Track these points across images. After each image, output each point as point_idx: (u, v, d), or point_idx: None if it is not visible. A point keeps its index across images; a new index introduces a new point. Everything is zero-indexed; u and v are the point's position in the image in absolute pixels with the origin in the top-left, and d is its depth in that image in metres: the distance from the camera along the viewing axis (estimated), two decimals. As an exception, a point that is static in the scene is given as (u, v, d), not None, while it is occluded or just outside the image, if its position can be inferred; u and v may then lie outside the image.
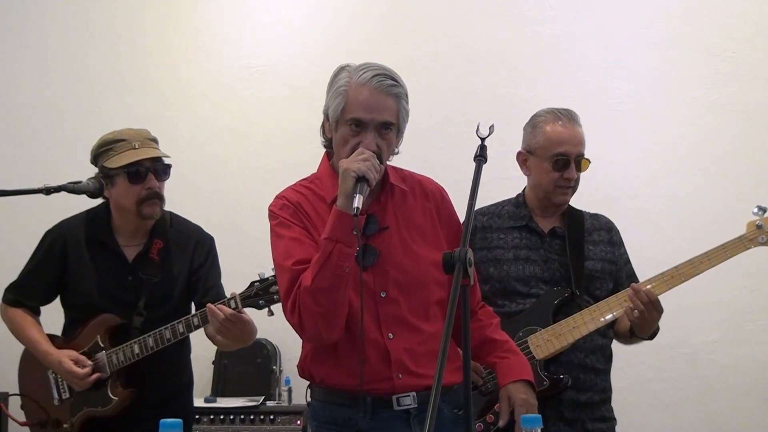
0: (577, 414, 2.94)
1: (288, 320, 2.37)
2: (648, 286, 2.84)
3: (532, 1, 4.75)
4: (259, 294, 2.95)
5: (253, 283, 2.98)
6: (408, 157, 2.56)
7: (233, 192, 4.83)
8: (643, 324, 2.86)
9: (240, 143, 4.90)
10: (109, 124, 3.21)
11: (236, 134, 4.91)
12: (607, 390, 3.06)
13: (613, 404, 3.05)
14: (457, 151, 4.25)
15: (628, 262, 3.13)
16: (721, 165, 4.41)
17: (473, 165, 2.22)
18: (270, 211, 2.50)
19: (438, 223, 2.57)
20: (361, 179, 2.27)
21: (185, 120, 4.88)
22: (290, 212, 2.45)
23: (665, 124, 4.48)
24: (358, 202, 2.24)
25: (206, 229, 3.29)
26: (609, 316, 2.89)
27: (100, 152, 3.10)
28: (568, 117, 3.03)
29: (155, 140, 3.17)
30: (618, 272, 3.05)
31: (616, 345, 3.09)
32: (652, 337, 2.99)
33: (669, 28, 4.61)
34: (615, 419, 3.07)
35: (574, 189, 3.05)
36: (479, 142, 2.26)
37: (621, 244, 3.15)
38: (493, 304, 2.97)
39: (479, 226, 3.14)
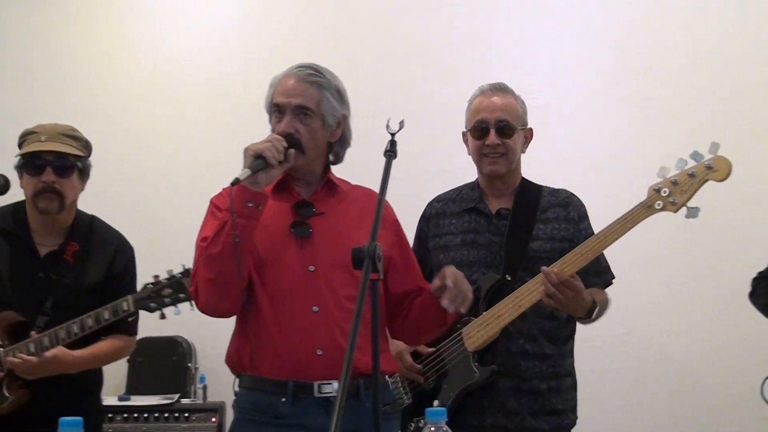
0: (520, 404, 2.96)
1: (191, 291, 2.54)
2: (557, 267, 2.83)
3: (449, -3, 4.82)
4: (151, 297, 2.98)
5: (146, 285, 3.01)
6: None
7: (153, 186, 4.83)
8: (561, 306, 2.86)
9: (160, 138, 4.89)
10: (26, 122, 3.21)
11: (155, 129, 4.90)
12: (560, 376, 3.04)
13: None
14: (374, 148, 4.30)
15: (590, 237, 3.01)
16: (633, 159, 4.57)
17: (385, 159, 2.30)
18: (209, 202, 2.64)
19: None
20: (258, 157, 2.42)
21: (103, 115, 4.86)
22: (223, 200, 2.54)
23: (579, 119, 4.63)
24: (241, 174, 2.40)
25: (126, 223, 3.31)
26: (528, 301, 2.89)
27: (19, 144, 3.12)
28: (491, 88, 3.10)
29: (74, 137, 3.16)
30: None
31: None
32: (591, 315, 2.95)
33: (582, 24, 4.77)
34: (571, 411, 3.06)
35: (507, 157, 3.05)
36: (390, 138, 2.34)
37: (581, 219, 3.10)
38: None
39: (433, 213, 3.20)
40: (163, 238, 4.35)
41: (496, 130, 3.02)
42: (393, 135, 2.35)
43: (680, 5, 4.72)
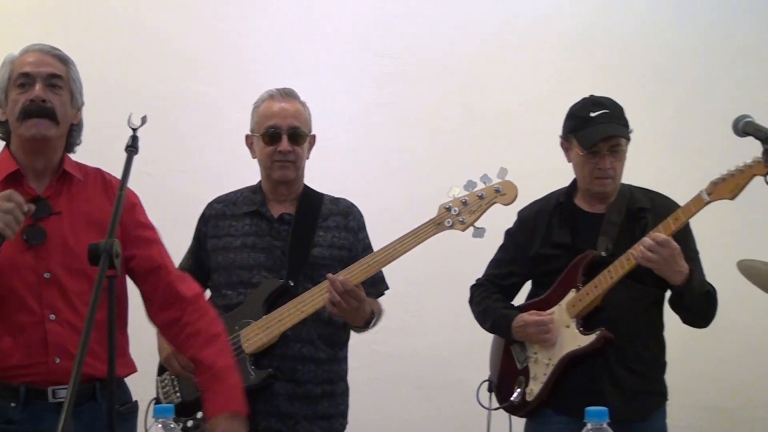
0: (295, 408, 3.03)
1: None
2: (343, 276, 2.93)
3: (206, -5, 4.82)
4: None
5: None
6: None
7: None
8: (344, 315, 2.97)
9: None
10: None
11: None
12: (334, 381, 3.14)
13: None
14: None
15: (368, 248, 3.20)
16: (389, 162, 4.77)
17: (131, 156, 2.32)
18: None
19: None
20: None
21: None
22: None
23: (337, 122, 4.71)
24: None
25: None
26: (311, 308, 2.96)
27: None
28: (281, 93, 3.16)
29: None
30: (353, 259, 3.07)
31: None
32: (368, 325, 3.10)
33: (339, 27, 4.89)
34: (342, 416, 3.17)
35: (296, 164, 3.13)
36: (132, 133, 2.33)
37: (360, 230, 3.23)
38: (219, 295, 3.10)
39: (213, 214, 3.22)
40: None
41: (288, 137, 3.08)
42: (135, 130, 2.33)
43: (439, 13, 4.94)
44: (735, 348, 4.69)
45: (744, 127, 2.67)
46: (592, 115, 3.17)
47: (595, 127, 3.15)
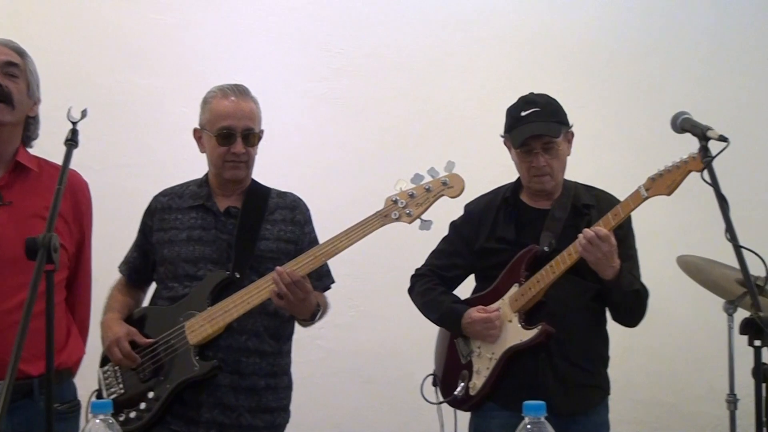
0: (239, 400, 3.03)
1: None
2: (290, 268, 2.92)
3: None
4: None
5: None
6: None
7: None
8: (290, 306, 2.96)
9: None
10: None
11: None
12: (278, 374, 3.14)
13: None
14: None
15: (314, 241, 3.19)
16: (337, 156, 4.79)
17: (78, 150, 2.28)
18: None
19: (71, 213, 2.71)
20: None
21: None
22: None
23: (285, 116, 4.72)
24: None
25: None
26: (257, 299, 2.96)
27: None
28: (235, 91, 3.12)
29: None
30: (299, 252, 3.06)
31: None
32: (314, 318, 3.09)
33: (286, 22, 4.89)
34: (284, 410, 3.17)
35: (247, 164, 3.12)
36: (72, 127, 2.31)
37: (306, 223, 3.24)
38: (165, 287, 3.09)
39: (159, 207, 3.20)
40: None
41: (242, 138, 3.07)
42: (74, 124, 2.30)
43: (386, 8, 4.97)
44: (676, 342, 4.77)
45: (682, 124, 2.71)
46: (523, 114, 3.21)
47: (524, 126, 3.19)
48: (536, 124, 3.18)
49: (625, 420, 4.22)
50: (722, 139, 2.58)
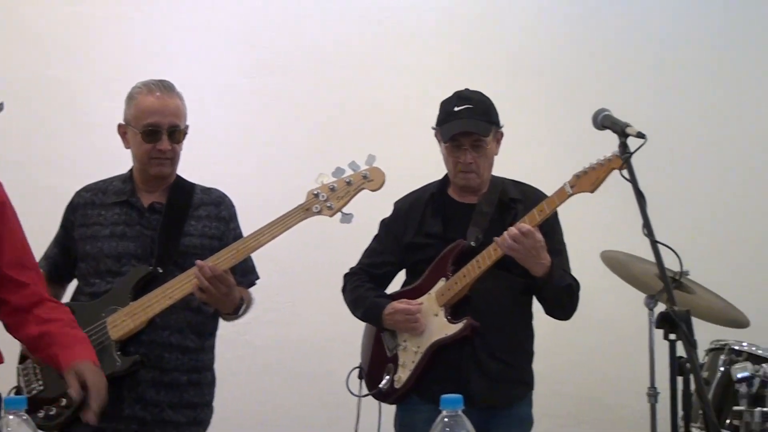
0: (160, 396, 3.02)
1: None
2: (212, 262, 2.92)
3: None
4: None
5: None
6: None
7: None
8: (213, 300, 2.96)
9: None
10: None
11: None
12: (200, 370, 3.14)
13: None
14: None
15: (238, 237, 3.15)
16: (263, 152, 4.78)
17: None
18: None
19: None
20: None
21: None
22: None
23: (212, 112, 4.67)
24: None
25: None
26: (179, 293, 2.94)
27: None
28: (161, 88, 3.10)
29: None
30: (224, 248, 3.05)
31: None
32: (237, 312, 3.11)
33: (214, 17, 4.87)
34: (207, 406, 3.17)
35: (173, 161, 3.11)
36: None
37: (231, 219, 3.23)
38: (87, 283, 3.07)
39: (81, 203, 3.17)
40: None
41: (168, 135, 3.06)
42: (-10, 116, 2.27)
43: (316, 5, 4.98)
44: (600, 337, 4.86)
45: (602, 121, 2.77)
46: (456, 109, 3.24)
47: (455, 122, 3.22)
48: (467, 121, 3.22)
49: (549, 414, 4.26)
50: (640, 135, 2.63)
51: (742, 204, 5.07)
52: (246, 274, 3.21)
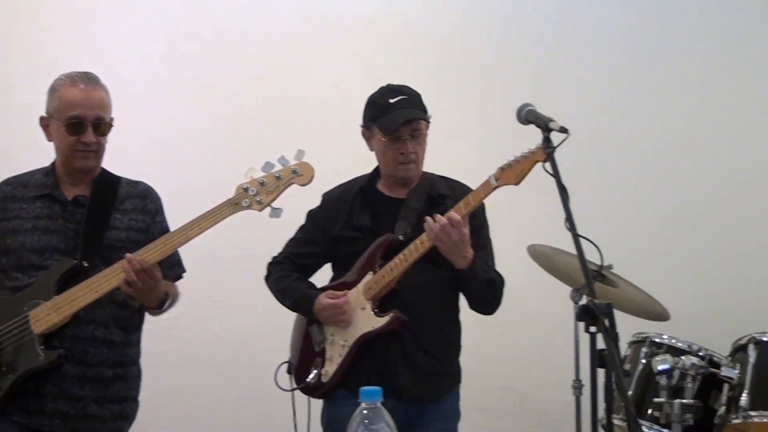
0: (85, 390, 3.00)
1: None
2: (140, 255, 2.91)
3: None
4: None
5: None
6: None
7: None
8: (141, 295, 2.96)
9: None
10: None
11: None
12: (126, 364, 3.13)
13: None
14: None
15: (165, 231, 3.15)
16: (191, 144, 4.78)
17: None
18: None
19: None
20: None
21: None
22: None
23: (138, 103, 4.62)
24: None
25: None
26: (106, 287, 2.93)
27: None
28: (85, 80, 3.08)
29: None
30: (151, 241, 3.04)
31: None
32: (162, 306, 3.11)
33: (138, 8, 4.82)
34: (133, 400, 3.16)
35: (97, 153, 3.09)
36: None
37: (157, 212, 3.23)
38: (8, 277, 3.03)
39: (1, 197, 3.13)
40: None
41: (93, 127, 3.04)
42: None
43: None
44: (527, 330, 4.92)
45: (526, 115, 2.81)
46: (392, 101, 3.26)
47: (396, 113, 3.24)
48: (408, 110, 3.25)
49: (476, 407, 4.33)
50: (563, 130, 2.68)
51: (666, 199, 5.17)
52: (172, 267, 3.21)
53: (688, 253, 5.13)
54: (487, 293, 3.29)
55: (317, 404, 3.41)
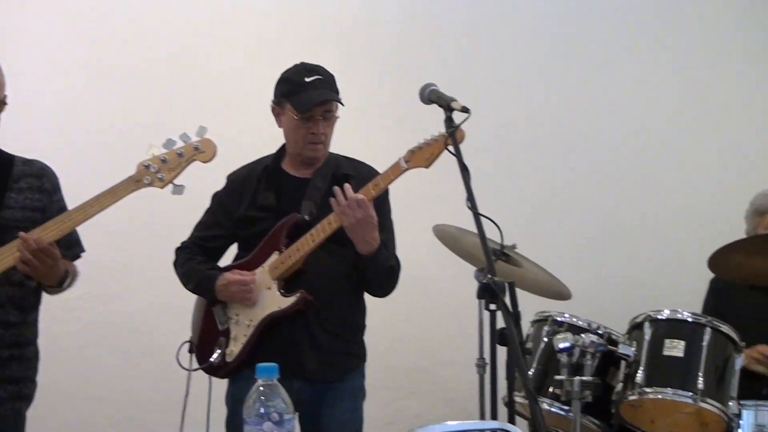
0: None
1: None
2: (37, 234, 2.86)
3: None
4: None
5: None
6: None
7: None
8: (38, 274, 2.92)
9: None
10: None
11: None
12: (23, 345, 3.07)
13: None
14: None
15: (63, 209, 3.09)
16: (93, 124, 4.66)
17: None
18: None
19: None
20: None
21: None
22: None
23: (38, 82, 4.53)
24: None
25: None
26: (0, 267, 2.87)
27: None
28: None
29: None
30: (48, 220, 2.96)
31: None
32: (62, 285, 3.06)
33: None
34: (31, 380, 3.11)
35: None
36: None
37: (55, 191, 3.15)
38: None
39: None
40: None
41: None
42: None
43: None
44: (433, 310, 4.97)
45: (429, 95, 2.84)
46: (307, 80, 3.27)
47: (311, 92, 3.25)
48: (324, 91, 3.26)
49: (382, 386, 4.36)
50: (464, 110, 2.71)
51: (568, 181, 5.28)
52: (71, 246, 3.16)
53: (589, 233, 5.25)
54: (385, 280, 3.33)
55: (218, 384, 3.40)
